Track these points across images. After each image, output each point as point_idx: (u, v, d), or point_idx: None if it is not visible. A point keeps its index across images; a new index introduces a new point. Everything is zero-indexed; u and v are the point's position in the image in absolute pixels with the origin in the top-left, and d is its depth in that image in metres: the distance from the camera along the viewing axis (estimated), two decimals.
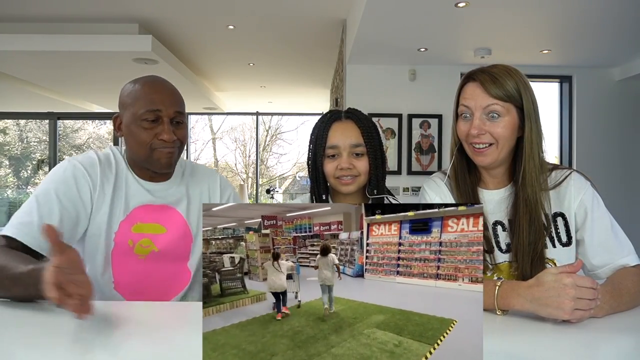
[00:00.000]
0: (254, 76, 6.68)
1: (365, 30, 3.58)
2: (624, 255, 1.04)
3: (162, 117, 1.16)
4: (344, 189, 1.26)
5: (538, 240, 1.06)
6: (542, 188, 1.08)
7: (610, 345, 0.79)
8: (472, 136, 1.06)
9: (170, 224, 1.24)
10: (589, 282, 0.82)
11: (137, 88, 1.18)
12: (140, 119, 1.14)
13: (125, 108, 1.18)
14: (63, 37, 4.33)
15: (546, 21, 3.49)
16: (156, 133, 1.15)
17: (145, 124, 1.14)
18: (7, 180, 9.92)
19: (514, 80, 1.04)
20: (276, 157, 13.29)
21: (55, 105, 7.28)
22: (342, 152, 1.24)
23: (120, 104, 1.20)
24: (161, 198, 1.24)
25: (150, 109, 1.14)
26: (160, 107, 1.15)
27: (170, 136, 1.15)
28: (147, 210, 1.22)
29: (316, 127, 1.30)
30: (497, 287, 0.88)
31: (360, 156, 1.25)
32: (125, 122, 1.18)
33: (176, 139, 1.17)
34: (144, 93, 1.16)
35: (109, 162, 1.22)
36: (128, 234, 1.19)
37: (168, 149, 1.16)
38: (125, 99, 1.19)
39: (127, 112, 1.17)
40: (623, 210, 4.50)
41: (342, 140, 1.24)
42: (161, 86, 1.20)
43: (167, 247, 1.22)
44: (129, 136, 1.17)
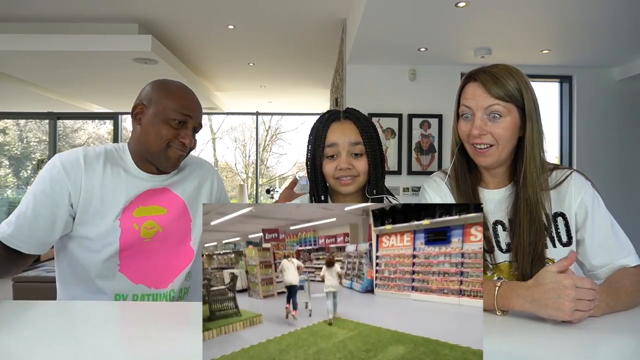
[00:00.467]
0: (254, 76, 6.68)
1: (365, 30, 3.58)
2: (624, 255, 1.04)
3: (188, 124, 1.24)
4: (344, 189, 1.25)
5: (538, 240, 1.06)
6: (543, 188, 1.08)
7: (610, 345, 0.79)
8: (474, 137, 1.06)
9: (169, 205, 1.29)
10: (588, 283, 0.82)
11: (172, 89, 1.24)
12: (170, 117, 1.20)
13: (154, 102, 1.22)
14: (63, 37, 4.33)
15: (546, 21, 3.49)
16: (178, 134, 1.22)
17: (173, 123, 1.21)
18: (7, 180, 9.92)
19: (515, 80, 1.04)
20: (276, 157, 13.29)
21: (55, 105, 7.28)
22: (340, 151, 1.24)
23: (148, 96, 1.24)
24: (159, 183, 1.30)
25: (183, 112, 1.22)
26: (191, 113, 1.23)
27: (191, 142, 1.24)
28: (147, 194, 1.27)
29: (315, 127, 1.30)
30: (497, 288, 0.88)
31: (359, 156, 1.25)
32: (151, 114, 1.21)
33: (192, 146, 1.26)
34: (179, 96, 1.23)
35: (98, 155, 1.24)
36: (131, 219, 1.22)
37: (181, 151, 1.24)
38: (156, 94, 1.23)
39: (157, 106, 1.21)
40: (623, 210, 4.50)
41: (341, 138, 1.24)
42: (194, 96, 1.29)
43: (170, 226, 1.27)
44: (150, 127, 1.21)
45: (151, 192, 1.27)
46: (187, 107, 1.23)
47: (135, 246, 1.22)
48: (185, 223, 1.31)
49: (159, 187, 1.29)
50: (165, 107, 1.21)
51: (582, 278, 0.83)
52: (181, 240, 1.30)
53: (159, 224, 1.25)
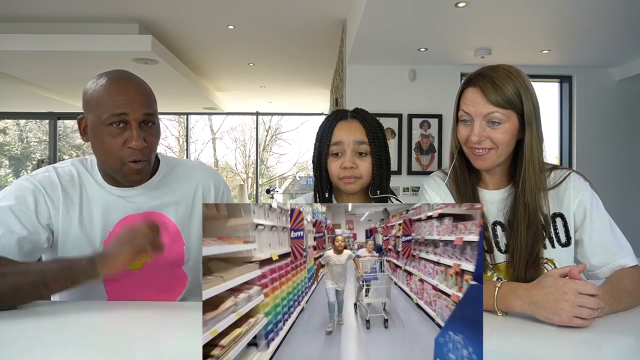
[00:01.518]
0: (254, 76, 6.68)
1: (365, 30, 3.58)
2: (622, 255, 1.04)
3: (130, 122, 1.02)
4: (347, 188, 1.26)
5: (535, 243, 1.06)
6: (541, 189, 1.08)
7: (610, 345, 0.78)
8: (472, 142, 1.07)
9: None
10: (592, 290, 0.80)
11: (100, 87, 1.03)
12: (105, 124, 1.01)
13: (89, 110, 1.05)
14: (63, 37, 4.33)
15: (546, 21, 3.49)
16: (125, 139, 1.03)
17: (111, 130, 1.02)
18: (7, 180, 9.92)
19: (515, 85, 1.03)
20: (276, 157, 13.31)
21: (55, 105, 7.28)
22: (346, 149, 1.24)
23: (84, 104, 1.06)
24: (141, 203, 1.14)
25: (115, 113, 1.01)
26: (126, 110, 1.01)
27: (140, 143, 1.02)
28: (131, 221, 1.12)
29: (322, 125, 1.31)
30: (497, 289, 0.88)
31: (364, 156, 1.25)
32: (90, 126, 1.05)
33: (145, 146, 1.04)
34: (107, 94, 1.02)
35: (72, 179, 1.11)
36: None
37: (138, 164, 1.05)
38: (88, 99, 1.05)
39: (92, 116, 1.04)
40: (622, 210, 4.50)
41: (347, 136, 1.25)
42: (127, 85, 1.04)
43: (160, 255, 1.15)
44: (96, 142, 1.05)
45: (136, 217, 1.12)
46: (118, 105, 1.01)
47: (121, 279, 1.10)
48: (177, 248, 1.17)
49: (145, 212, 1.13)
50: (97, 113, 1.02)
51: (586, 284, 0.81)
52: (173, 267, 1.18)
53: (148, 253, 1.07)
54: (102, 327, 0.86)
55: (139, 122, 1.04)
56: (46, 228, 1.06)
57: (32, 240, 1.03)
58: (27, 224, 1.02)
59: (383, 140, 1.28)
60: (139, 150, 1.03)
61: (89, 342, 0.77)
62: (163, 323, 0.91)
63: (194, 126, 11.92)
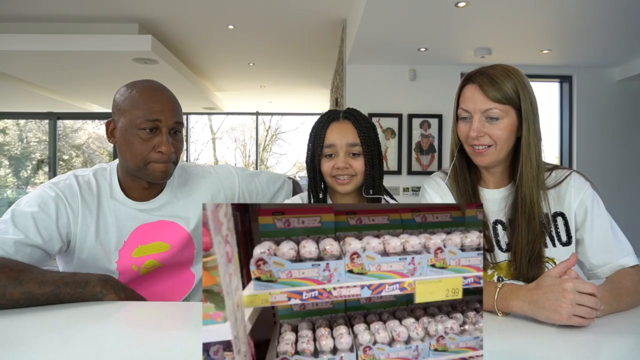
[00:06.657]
0: (254, 76, 6.68)
1: (365, 30, 3.58)
2: (623, 255, 1.05)
3: (161, 128, 1.10)
4: (341, 188, 1.27)
5: (536, 240, 1.06)
6: (540, 188, 1.08)
7: (610, 345, 0.78)
8: (472, 138, 1.07)
9: (173, 240, 1.20)
10: (590, 289, 0.80)
11: (134, 94, 1.11)
12: (138, 128, 1.08)
13: (121, 114, 1.11)
14: (63, 37, 4.33)
15: (546, 21, 3.49)
16: (154, 145, 1.10)
17: (142, 134, 1.09)
18: (7, 180, 9.92)
19: (513, 82, 1.04)
20: (276, 157, 13.29)
21: (55, 105, 7.28)
22: (338, 151, 1.25)
23: (115, 109, 1.13)
24: (156, 215, 1.20)
25: (149, 119, 1.08)
26: (160, 117, 1.09)
27: (169, 148, 1.10)
28: (146, 229, 1.17)
29: (315, 126, 1.32)
30: (498, 289, 0.88)
31: (356, 156, 1.26)
32: (121, 129, 1.11)
33: (173, 152, 1.12)
34: (142, 100, 1.10)
35: (91, 188, 1.16)
36: (130, 260, 1.16)
37: (164, 163, 1.11)
38: (121, 105, 1.12)
39: (124, 119, 1.10)
40: (623, 210, 4.50)
41: (339, 139, 1.26)
42: (161, 94, 1.13)
43: (172, 260, 1.21)
44: (124, 145, 1.11)
45: (150, 226, 1.17)
46: (153, 111, 1.09)
47: (132, 281, 1.16)
48: (188, 252, 1.23)
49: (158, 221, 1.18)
50: (131, 117, 1.09)
51: (584, 283, 0.82)
52: (181, 268, 1.24)
53: (160, 261, 1.18)
54: (102, 327, 0.86)
55: (169, 129, 1.12)
56: (63, 237, 1.10)
57: (45, 248, 1.06)
58: (44, 232, 1.06)
59: (375, 140, 1.29)
60: (167, 155, 1.11)
61: (90, 342, 0.77)
62: (163, 323, 0.91)
63: (193, 126, 11.92)
